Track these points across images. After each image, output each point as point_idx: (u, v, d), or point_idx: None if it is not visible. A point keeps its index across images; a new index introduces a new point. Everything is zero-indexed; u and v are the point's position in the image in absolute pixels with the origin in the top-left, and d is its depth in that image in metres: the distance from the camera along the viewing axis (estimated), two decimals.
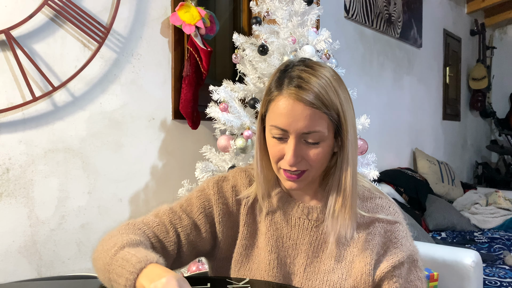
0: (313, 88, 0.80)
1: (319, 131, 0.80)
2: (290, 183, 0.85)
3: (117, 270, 0.73)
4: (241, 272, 0.90)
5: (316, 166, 0.84)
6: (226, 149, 1.64)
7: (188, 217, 0.90)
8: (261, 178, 0.89)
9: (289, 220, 0.91)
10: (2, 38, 1.39)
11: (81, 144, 1.59)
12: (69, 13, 1.52)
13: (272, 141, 0.84)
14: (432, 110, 4.17)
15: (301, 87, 0.80)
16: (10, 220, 1.42)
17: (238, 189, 0.94)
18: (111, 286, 0.76)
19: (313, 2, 1.71)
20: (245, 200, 0.93)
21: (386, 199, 0.93)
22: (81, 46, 1.58)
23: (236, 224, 0.93)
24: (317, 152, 0.82)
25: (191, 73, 1.84)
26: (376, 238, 0.88)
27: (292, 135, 0.81)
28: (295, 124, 0.79)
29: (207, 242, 0.92)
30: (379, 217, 0.89)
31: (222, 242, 0.93)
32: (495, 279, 2.22)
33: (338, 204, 0.85)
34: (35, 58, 1.47)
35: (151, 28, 1.81)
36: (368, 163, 1.70)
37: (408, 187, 3.18)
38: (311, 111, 0.79)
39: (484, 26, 5.05)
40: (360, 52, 3.06)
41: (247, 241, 0.92)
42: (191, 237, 0.89)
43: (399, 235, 0.89)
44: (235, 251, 0.92)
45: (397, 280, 0.87)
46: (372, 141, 2.35)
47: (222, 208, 0.92)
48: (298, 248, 0.89)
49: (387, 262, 0.87)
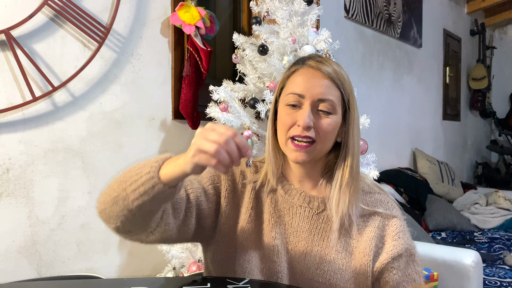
0: (331, 64, 0.90)
1: (332, 100, 0.87)
2: (297, 153, 0.87)
3: (136, 171, 0.75)
4: (246, 257, 0.90)
5: (323, 138, 0.87)
6: None
7: (198, 183, 0.91)
8: (272, 156, 0.94)
9: (290, 208, 0.93)
10: (2, 38, 1.39)
11: (81, 144, 1.59)
12: (69, 13, 1.52)
13: (286, 110, 0.89)
14: (432, 110, 4.17)
15: (321, 62, 0.89)
16: (10, 220, 1.42)
17: (245, 175, 0.97)
18: (125, 197, 0.75)
19: (313, 2, 1.70)
20: (253, 184, 0.95)
21: (385, 195, 0.96)
22: (81, 46, 1.58)
23: (239, 206, 0.94)
24: (327, 122, 0.87)
25: (191, 73, 1.84)
26: (374, 231, 0.90)
27: (307, 101, 0.87)
28: (312, 89, 0.86)
29: (211, 214, 0.92)
30: (378, 211, 0.92)
31: (223, 221, 0.93)
32: (495, 279, 2.22)
33: (344, 178, 0.89)
34: (35, 58, 1.47)
35: (151, 28, 1.81)
36: (368, 163, 1.70)
37: (408, 187, 3.18)
38: (327, 81, 0.87)
39: (484, 26, 5.05)
40: (360, 52, 3.06)
41: (252, 225, 0.92)
42: (200, 200, 0.90)
43: (397, 229, 0.91)
44: (239, 234, 0.92)
45: (396, 272, 0.89)
46: (372, 141, 2.35)
47: (229, 185, 0.94)
48: (299, 236, 0.91)
49: (387, 254, 0.89)
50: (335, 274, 0.88)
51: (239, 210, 0.93)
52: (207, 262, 0.97)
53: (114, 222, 0.79)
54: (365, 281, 0.89)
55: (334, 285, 0.88)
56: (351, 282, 0.89)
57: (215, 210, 0.93)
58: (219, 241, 0.93)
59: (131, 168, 0.78)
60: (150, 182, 0.72)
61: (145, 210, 0.76)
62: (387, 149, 3.39)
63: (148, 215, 0.78)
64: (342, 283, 0.88)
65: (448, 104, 4.47)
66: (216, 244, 0.93)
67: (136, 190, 0.74)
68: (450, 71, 4.47)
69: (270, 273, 0.89)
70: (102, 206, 0.80)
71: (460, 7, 4.79)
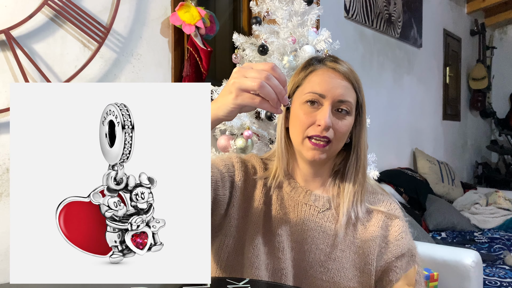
0: (348, 65, 0.93)
1: (350, 102, 0.89)
2: (314, 152, 0.88)
3: None
4: (255, 252, 0.89)
5: (339, 138, 0.89)
6: (226, 149, 1.64)
7: (215, 168, 0.91)
8: (285, 154, 0.95)
9: (296, 205, 0.93)
10: (2, 38, 1.39)
11: None
12: (69, 13, 1.52)
13: (304, 108, 0.89)
14: (432, 110, 4.17)
15: (338, 63, 0.92)
16: None
17: (256, 170, 0.97)
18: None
19: (313, 2, 1.71)
20: (263, 180, 0.95)
21: (388, 196, 0.98)
22: (81, 46, 1.58)
23: (250, 200, 0.93)
24: (344, 124, 0.89)
25: (191, 73, 1.84)
26: (378, 231, 0.91)
27: (327, 102, 0.88)
28: (334, 90, 0.88)
29: (224, 202, 0.90)
30: (381, 210, 0.93)
31: (234, 212, 0.91)
32: (495, 279, 2.22)
33: (358, 178, 0.92)
34: (35, 58, 1.47)
35: (151, 28, 1.81)
36: (368, 163, 1.70)
37: (408, 187, 3.18)
38: (346, 83, 0.90)
39: (484, 26, 5.05)
40: (360, 52, 3.06)
41: (261, 220, 0.92)
42: (218, 185, 0.88)
43: (400, 229, 0.93)
44: (249, 228, 0.91)
45: (399, 272, 0.90)
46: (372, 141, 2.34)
47: (243, 175, 0.94)
48: (303, 234, 0.91)
49: (390, 253, 0.91)
50: (339, 272, 0.89)
51: (250, 204, 0.93)
52: (212, 254, 0.95)
53: None
54: (368, 280, 0.90)
55: (337, 283, 0.88)
56: (355, 280, 0.89)
57: (228, 198, 0.91)
58: (227, 233, 0.92)
59: None
60: None
61: None
62: (387, 149, 3.39)
63: None
64: (345, 281, 0.88)
65: (448, 104, 4.47)
66: (224, 236, 0.92)
67: None
68: (450, 71, 4.47)
69: (275, 270, 0.89)
70: None
71: (460, 7, 4.79)
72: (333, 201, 0.93)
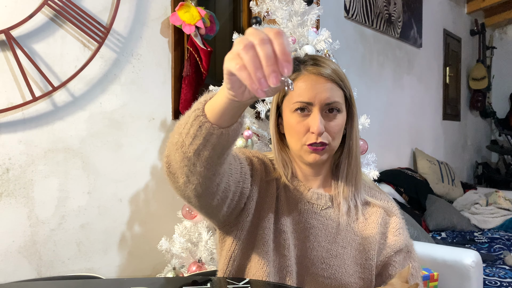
0: (329, 64, 0.90)
1: (338, 101, 0.89)
2: (314, 155, 0.89)
3: (188, 114, 0.69)
4: (265, 249, 0.89)
5: (334, 138, 0.90)
6: None
7: (244, 160, 0.90)
8: (280, 160, 0.96)
9: (298, 203, 0.94)
10: (2, 38, 1.39)
11: (81, 144, 1.59)
12: (69, 13, 1.52)
13: (295, 117, 0.90)
14: (432, 110, 4.17)
15: (318, 65, 0.90)
16: (10, 220, 1.42)
17: (268, 170, 0.97)
18: (182, 143, 0.69)
19: (313, 2, 1.71)
20: (276, 180, 0.96)
21: (385, 195, 1.01)
22: (81, 46, 1.58)
23: (265, 198, 0.93)
24: (336, 123, 0.90)
25: (191, 73, 1.84)
26: (377, 227, 0.94)
27: (316, 107, 0.88)
28: (319, 95, 0.88)
29: (246, 196, 0.89)
30: (379, 205, 0.96)
31: (252, 208, 0.91)
32: (495, 279, 2.21)
33: (351, 166, 0.94)
34: (35, 58, 1.47)
35: (151, 28, 1.81)
36: (368, 163, 1.70)
37: (408, 187, 3.19)
38: (331, 84, 0.89)
39: (484, 26, 5.05)
40: (360, 52, 3.06)
41: (272, 218, 0.92)
42: (245, 177, 0.88)
43: (397, 225, 0.96)
44: (262, 226, 0.90)
45: (398, 266, 0.93)
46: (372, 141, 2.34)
47: (261, 171, 0.94)
48: (306, 231, 0.92)
49: (389, 248, 0.93)
50: (340, 268, 0.90)
51: (265, 202, 0.93)
52: (224, 250, 0.94)
53: (181, 176, 0.73)
54: (369, 276, 0.92)
55: (339, 280, 0.90)
56: (356, 276, 0.91)
57: (249, 192, 0.90)
58: (243, 227, 0.90)
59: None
60: (197, 122, 0.66)
61: (203, 158, 0.69)
62: (387, 149, 3.39)
63: (209, 166, 0.70)
64: (346, 277, 0.90)
65: (448, 104, 4.47)
66: (239, 230, 0.91)
67: (188, 133, 0.67)
68: (450, 71, 4.47)
69: (281, 267, 0.90)
70: (166, 158, 0.75)
71: (460, 7, 4.78)
72: (335, 199, 0.95)
